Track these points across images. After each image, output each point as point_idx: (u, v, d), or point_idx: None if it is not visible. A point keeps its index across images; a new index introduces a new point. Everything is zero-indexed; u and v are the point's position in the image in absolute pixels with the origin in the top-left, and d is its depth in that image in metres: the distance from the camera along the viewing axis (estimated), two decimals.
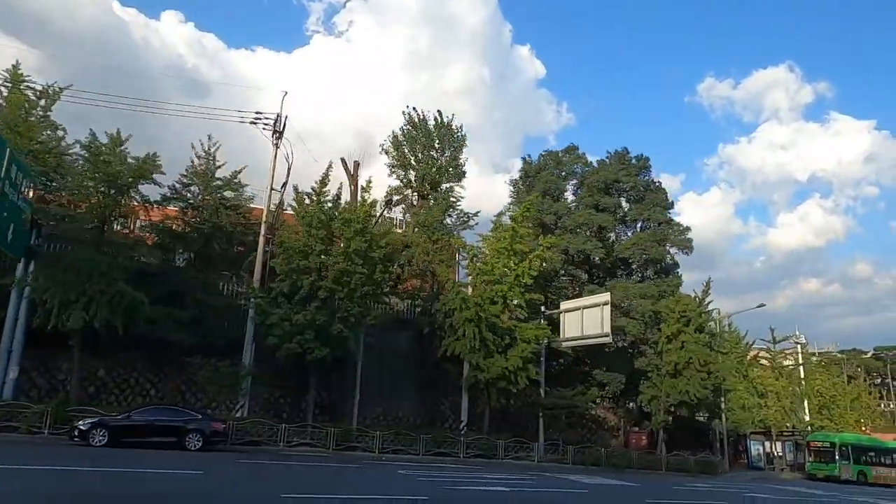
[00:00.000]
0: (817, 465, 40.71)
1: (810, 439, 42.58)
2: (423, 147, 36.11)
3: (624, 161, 35.40)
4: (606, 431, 37.07)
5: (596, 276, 35.40)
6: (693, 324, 32.45)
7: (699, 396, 31.14)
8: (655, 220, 34.35)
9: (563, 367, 35.32)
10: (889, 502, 25.39)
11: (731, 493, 23.01)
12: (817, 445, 41.40)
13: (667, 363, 32.01)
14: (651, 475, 29.96)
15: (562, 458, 30.03)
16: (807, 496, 25.10)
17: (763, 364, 54.20)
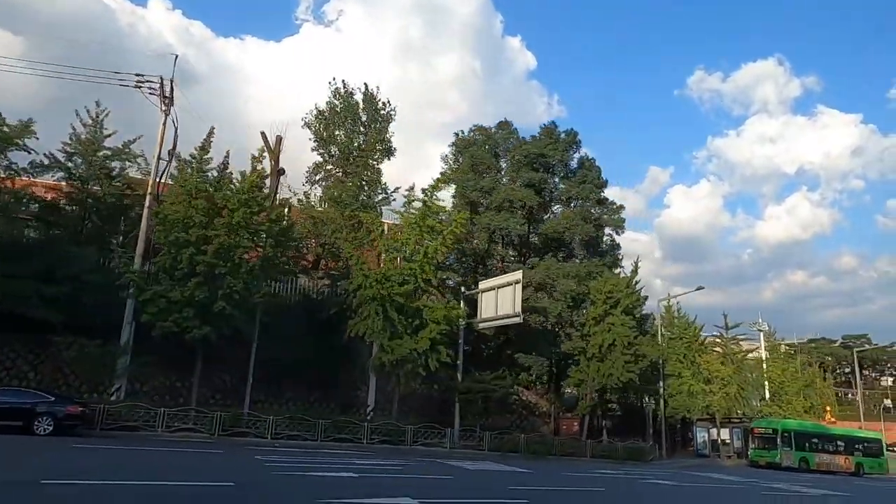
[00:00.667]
0: (759, 451, 39.93)
1: (754, 426, 41.69)
2: (348, 121, 34.48)
3: (552, 136, 33.85)
4: (538, 418, 35.87)
5: (527, 255, 33.97)
6: (621, 305, 31.17)
7: (623, 380, 29.89)
8: (587, 198, 32.83)
9: (493, 350, 34.01)
10: (806, 487, 24.30)
11: (626, 479, 21.79)
12: (760, 432, 40.56)
13: (592, 346, 30.74)
14: (568, 462, 28.75)
15: (478, 445, 28.74)
16: (719, 482, 23.98)
17: (716, 350, 53.43)
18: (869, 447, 43.18)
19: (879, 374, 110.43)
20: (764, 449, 39.51)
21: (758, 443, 40.33)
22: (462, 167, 33.11)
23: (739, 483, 23.98)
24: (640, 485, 20.35)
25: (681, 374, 44.76)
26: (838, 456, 40.98)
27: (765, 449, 39.46)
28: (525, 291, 30.85)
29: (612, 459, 31.69)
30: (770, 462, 38.50)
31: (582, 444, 31.46)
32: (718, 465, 38.36)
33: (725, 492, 20.75)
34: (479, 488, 15.49)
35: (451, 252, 27.46)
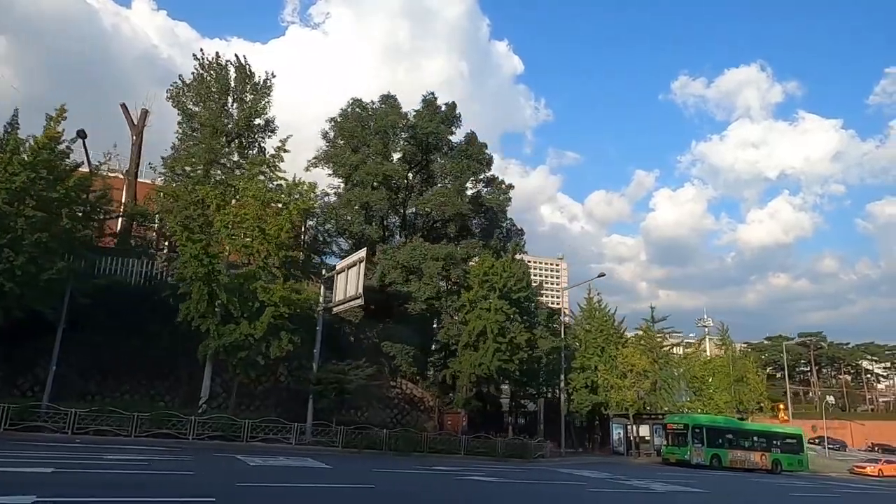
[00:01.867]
0: (671, 448, 37.93)
1: (667, 422, 39.63)
2: (217, 95, 31.90)
3: (432, 108, 31.40)
4: (422, 413, 33.40)
5: (400, 234, 31.55)
6: (498, 289, 28.84)
7: (492, 369, 27.57)
8: (467, 175, 30.32)
9: (368, 338, 31.52)
10: (663, 484, 22.09)
11: (451, 476, 19.41)
12: (672, 428, 38.52)
13: (466, 334, 28.40)
14: (424, 459, 26.37)
15: (331, 441, 26.25)
16: (568, 480, 21.70)
17: (640, 344, 51.49)
18: (788, 443, 41.31)
19: (836, 372, 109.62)
20: (675, 446, 37.52)
21: (670, 439, 38.34)
22: (340, 144, 30.61)
23: (594, 482, 21.70)
24: (457, 482, 18.03)
25: (596, 367, 42.87)
26: (754, 453, 39.01)
27: (676, 446, 37.45)
28: (393, 274, 28.53)
29: (490, 456, 29.34)
30: (680, 459, 36.49)
31: (456, 441, 29.05)
32: (623, 463, 36.14)
33: (547, 489, 18.45)
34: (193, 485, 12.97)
35: (300, 229, 24.92)
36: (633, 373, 41.82)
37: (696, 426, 37.02)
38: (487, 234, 34.08)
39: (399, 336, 29.02)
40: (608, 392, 41.86)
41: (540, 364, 37.18)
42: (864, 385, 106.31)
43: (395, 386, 33.08)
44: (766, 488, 25.72)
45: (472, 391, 29.90)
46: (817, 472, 46.87)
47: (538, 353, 33.10)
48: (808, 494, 24.62)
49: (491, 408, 38.67)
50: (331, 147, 31.65)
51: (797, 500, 21.94)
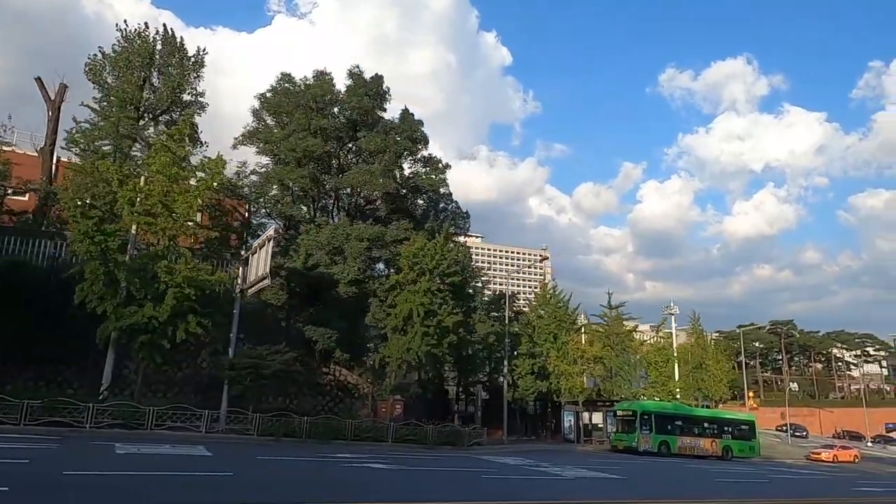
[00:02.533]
0: (619, 435, 37.17)
1: (617, 409, 38.86)
2: (139, 68, 30.35)
3: (359, 83, 29.96)
4: (357, 400, 32.31)
5: (330, 214, 30.22)
6: (428, 272, 27.69)
7: (420, 353, 26.50)
8: (393, 152, 28.97)
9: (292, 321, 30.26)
10: (582, 470, 21.21)
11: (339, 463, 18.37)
12: (622, 415, 37.77)
13: (394, 317, 27.28)
14: (354, 447, 25.35)
15: (246, 429, 25.07)
16: (477, 466, 20.74)
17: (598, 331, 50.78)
18: (740, 430, 40.74)
19: (808, 361, 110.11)
20: (624, 433, 36.75)
21: (619, 426, 37.59)
22: (268, 121, 29.18)
23: (508, 469, 20.77)
24: (346, 469, 16.97)
25: (548, 353, 42.11)
26: (704, 439, 38.33)
27: (624, 433, 36.68)
28: (317, 255, 27.34)
29: (420, 444, 28.37)
30: (628, 446, 35.71)
31: (384, 428, 27.99)
32: (568, 451, 35.29)
33: (445, 475, 17.45)
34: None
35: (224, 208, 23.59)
36: (583, 359, 41.07)
37: (644, 413, 36.30)
38: (427, 217, 32.92)
39: (324, 320, 27.79)
40: (560, 379, 41.11)
41: (480, 350, 36.28)
42: (833, 373, 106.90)
43: (327, 372, 31.97)
44: (693, 475, 24.95)
45: (403, 377, 28.86)
46: (772, 459, 46.51)
47: (476, 337, 32.12)
48: (735, 480, 23.86)
49: (435, 395, 37.72)
50: (259, 124, 30.18)
51: (716, 485, 21.12)
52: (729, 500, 17.27)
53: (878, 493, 23.31)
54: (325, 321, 27.56)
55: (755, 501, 17.28)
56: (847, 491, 23.00)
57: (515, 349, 37.86)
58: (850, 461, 47.43)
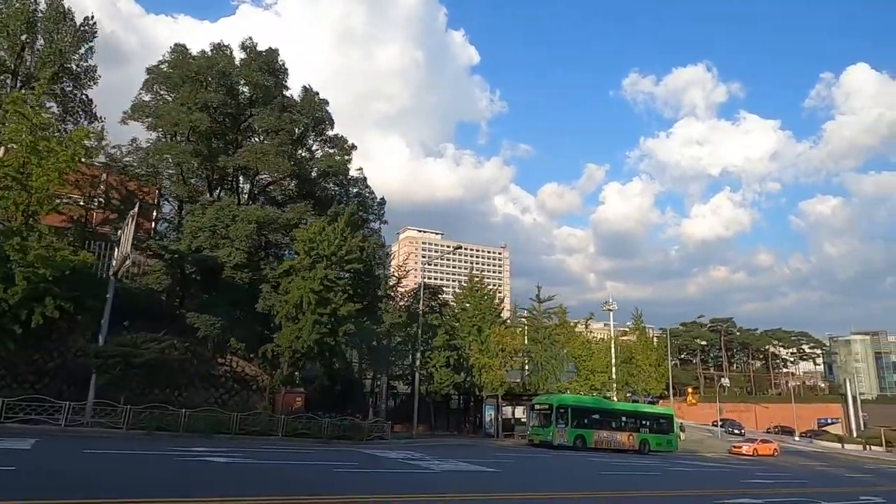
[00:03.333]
0: (536, 429, 36.46)
1: (535, 402, 38.18)
2: (12, 32, 27.99)
3: (253, 55, 28.31)
4: (255, 392, 30.72)
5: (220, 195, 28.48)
6: (325, 259, 26.32)
7: (310, 342, 25.16)
8: (288, 130, 27.27)
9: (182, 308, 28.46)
10: (463, 464, 20.26)
11: (160, 456, 16.96)
12: (539, 408, 37.05)
13: (286, 305, 25.83)
14: (237, 440, 23.92)
15: (115, 423, 23.31)
16: (355, 459, 19.57)
17: (525, 325, 50.35)
18: (658, 424, 40.61)
19: (748, 358, 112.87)
20: (540, 427, 36.04)
21: (536, 420, 36.91)
22: (162, 95, 27.29)
23: (382, 463, 19.68)
24: (172, 462, 15.58)
25: (469, 346, 41.31)
26: (622, 433, 38.01)
27: (541, 427, 36.00)
28: (201, 237, 25.70)
29: (314, 438, 27.09)
30: (543, 440, 35.04)
31: (275, 422, 26.57)
32: (481, 445, 34.43)
33: (289, 469, 16.24)
34: None
35: (89, 182, 21.70)
36: (504, 352, 40.33)
37: (560, 406, 35.70)
38: (339, 202, 31.50)
39: (209, 307, 26.11)
40: (482, 372, 40.32)
41: (399, 342, 35.16)
42: (769, 370, 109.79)
43: (223, 363, 30.29)
44: (582, 468, 24.32)
45: (301, 367, 27.52)
46: (695, 453, 46.82)
47: (383, 328, 30.96)
48: (629, 473, 23.34)
49: (348, 388, 36.43)
50: (151, 98, 28.16)
51: (596, 479, 20.46)
52: (595, 492, 16.58)
53: (764, 484, 23.12)
54: (210, 308, 25.82)
55: (620, 493, 16.58)
56: (734, 483, 22.71)
57: (431, 341, 36.85)
58: (769, 455, 48.11)
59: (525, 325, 49.41)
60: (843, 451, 66.83)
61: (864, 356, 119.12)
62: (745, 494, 18.09)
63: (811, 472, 34.12)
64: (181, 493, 10.24)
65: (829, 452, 61.33)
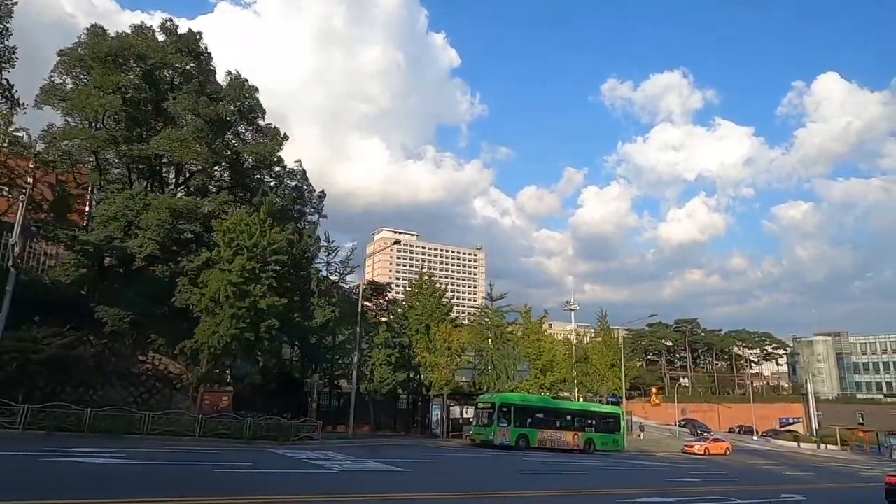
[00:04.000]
0: (478, 429, 35.58)
1: (478, 401, 37.37)
2: None
3: (172, 38, 26.93)
4: (179, 391, 29.45)
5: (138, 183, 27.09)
6: (247, 251, 25.18)
7: (227, 337, 24.02)
8: (215, 117, 25.99)
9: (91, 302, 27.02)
10: (372, 464, 19.35)
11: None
12: (482, 407, 36.20)
13: (198, 296, 24.62)
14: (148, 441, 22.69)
15: (10, 422, 21.90)
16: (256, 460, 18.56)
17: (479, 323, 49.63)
18: (604, 423, 40.02)
19: (713, 359, 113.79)
20: (482, 426, 35.21)
21: (479, 419, 36.07)
22: (77, 76, 25.85)
23: (281, 462, 18.70)
24: (29, 464, 14.44)
25: (415, 344, 40.48)
26: (567, 432, 37.31)
27: (483, 426, 35.16)
28: (111, 227, 24.43)
29: (235, 438, 25.92)
30: (484, 440, 34.20)
31: (190, 421, 25.35)
32: (420, 446, 33.49)
33: (170, 468, 15.21)
34: None
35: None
36: (450, 350, 39.50)
37: (502, 405, 34.88)
38: (268, 192, 30.34)
39: (118, 300, 24.75)
40: (429, 371, 39.46)
41: (343, 341, 34.17)
42: (734, 371, 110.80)
43: (144, 361, 29.00)
44: (502, 468, 23.61)
45: (226, 364, 26.39)
46: (646, 452, 46.53)
47: (313, 324, 29.94)
48: (554, 472, 22.69)
49: (287, 387, 35.25)
50: (71, 81, 26.62)
51: (510, 479, 19.75)
52: (490, 492, 15.87)
53: (688, 483, 22.64)
54: (120, 301, 24.45)
55: (516, 493, 15.85)
56: (659, 482, 22.21)
57: (372, 339, 35.89)
58: (721, 454, 48.01)
59: (478, 324, 48.68)
60: (798, 450, 67.38)
61: (826, 357, 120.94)
62: (661, 493, 17.55)
63: (750, 471, 33.94)
64: None
65: (783, 451, 61.70)
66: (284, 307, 28.39)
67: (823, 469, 39.90)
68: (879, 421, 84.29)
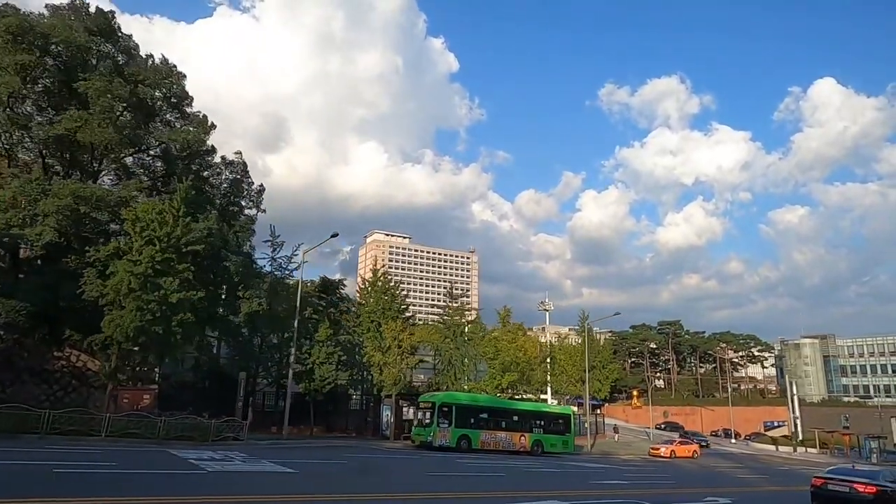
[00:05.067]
0: (418, 430, 33.52)
1: (420, 400, 35.17)
2: None
3: (80, 16, 25.55)
4: (98, 389, 28.18)
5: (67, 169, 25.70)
6: (160, 241, 23.95)
7: (130, 331, 22.74)
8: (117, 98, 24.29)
9: None
10: (259, 465, 18.11)
11: None
12: (423, 406, 33.93)
13: (109, 290, 23.36)
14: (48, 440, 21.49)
15: None
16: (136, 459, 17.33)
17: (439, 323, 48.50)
18: (554, 424, 38.12)
19: (698, 361, 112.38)
20: (422, 426, 33.19)
21: (420, 420, 33.94)
22: None
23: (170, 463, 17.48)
24: None
25: (367, 342, 39.31)
26: (513, 433, 35.40)
27: (423, 426, 33.12)
28: (8, 214, 23.25)
29: (147, 438, 24.68)
30: (424, 441, 32.41)
31: (99, 420, 24.09)
32: (361, 447, 32.20)
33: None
34: None
35: None
36: (400, 349, 38.28)
37: (443, 404, 32.92)
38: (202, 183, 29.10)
39: (16, 291, 23.40)
40: (382, 370, 38.19)
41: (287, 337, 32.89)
42: (718, 373, 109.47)
43: (60, 357, 27.76)
44: (418, 470, 22.43)
45: (146, 359, 25.09)
46: (610, 455, 45.25)
47: (238, 319, 28.75)
48: (464, 475, 21.45)
49: (221, 385, 33.90)
50: None
51: (420, 481, 18.54)
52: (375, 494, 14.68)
53: (616, 485, 21.45)
54: (17, 292, 23.08)
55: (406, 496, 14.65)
56: (580, 485, 20.98)
57: (312, 336, 34.61)
58: (687, 456, 46.83)
59: (438, 323, 47.55)
60: (775, 453, 66.12)
61: (814, 359, 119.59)
62: (562, 497, 16.31)
63: (699, 473, 32.63)
64: None
65: (757, 455, 60.44)
66: (208, 301, 27.18)
67: (784, 472, 38.66)
68: (864, 424, 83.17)
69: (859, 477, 17.14)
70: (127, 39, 27.12)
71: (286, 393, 38.41)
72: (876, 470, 18.40)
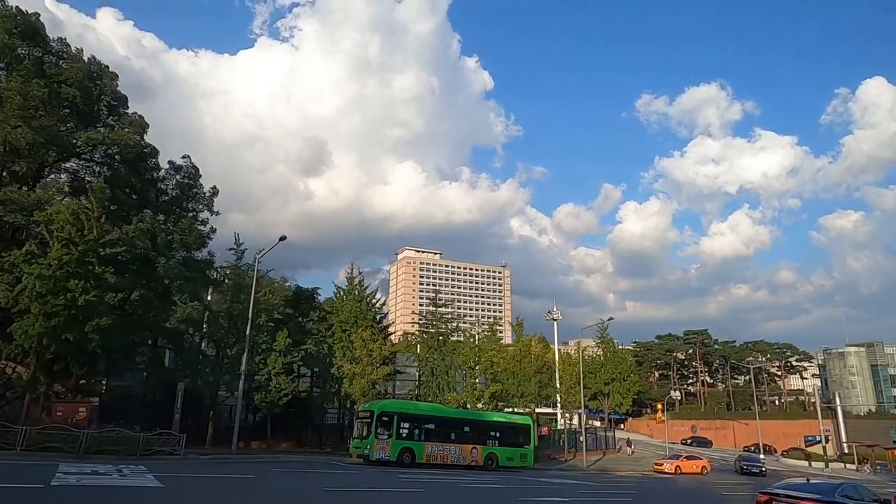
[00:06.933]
0: (357, 441, 30.27)
1: (360, 409, 32.21)
2: None
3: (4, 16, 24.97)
4: (34, 402, 27.16)
5: None
6: (75, 245, 22.90)
7: (34, 339, 21.64)
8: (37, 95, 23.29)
9: None
10: (118, 479, 16.43)
11: None
12: (362, 416, 30.89)
13: (25, 295, 22.34)
14: None
15: None
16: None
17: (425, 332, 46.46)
18: (511, 435, 34.45)
19: (731, 372, 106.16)
20: (360, 438, 30.01)
21: (358, 430, 30.86)
22: None
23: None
24: None
25: (337, 353, 37.71)
26: (463, 446, 31.99)
27: (361, 438, 29.95)
28: None
29: (67, 452, 23.44)
30: (361, 454, 29.29)
31: (15, 433, 22.99)
32: (313, 462, 30.29)
33: None
34: None
35: None
36: (371, 358, 36.37)
37: (382, 413, 29.67)
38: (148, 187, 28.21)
39: None
40: (352, 381, 36.36)
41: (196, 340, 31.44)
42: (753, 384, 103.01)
43: None
44: (310, 485, 20.30)
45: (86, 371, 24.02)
46: (608, 470, 42.08)
47: (173, 323, 27.38)
48: (365, 490, 19.29)
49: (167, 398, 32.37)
50: None
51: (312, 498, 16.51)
52: None
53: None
54: None
55: None
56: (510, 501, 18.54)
57: (270, 344, 33.15)
58: (696, 472, 43.13)
59: (423, 332, 45.53)
60: (807, 469, 60.87)
61: (860, 369, 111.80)
62: None
63: (673, 494, 28.96)
64: None
65: (783, 471, 55.58)
66: (140, 307, 26.01)
67: None
68: None
69: (808, 492, 14.41)
70: (60, 42, 26.53)
71: (255, 406, 36.98)
72: (836, 483, 15.52)
